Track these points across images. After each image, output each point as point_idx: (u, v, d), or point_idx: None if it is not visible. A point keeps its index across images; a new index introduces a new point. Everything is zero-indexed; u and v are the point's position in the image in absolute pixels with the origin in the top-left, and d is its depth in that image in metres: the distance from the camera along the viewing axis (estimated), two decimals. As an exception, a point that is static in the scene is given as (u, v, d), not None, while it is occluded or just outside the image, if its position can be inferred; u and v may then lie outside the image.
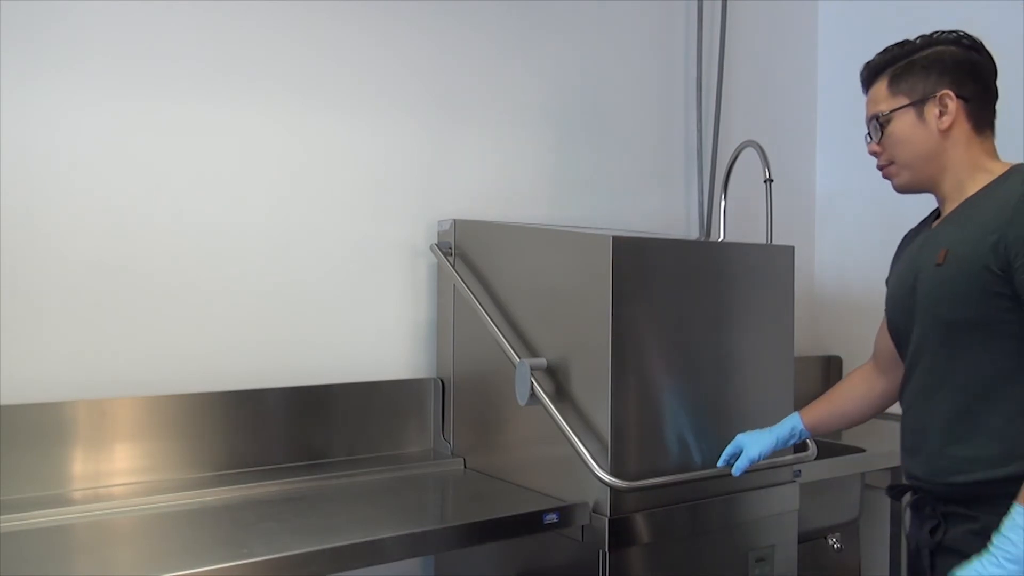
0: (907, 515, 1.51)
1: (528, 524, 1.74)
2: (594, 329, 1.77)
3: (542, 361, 1.87)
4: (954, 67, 1.49)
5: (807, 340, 3.13)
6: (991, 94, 1.51)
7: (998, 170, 1.46)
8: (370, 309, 2.26)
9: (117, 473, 1.88)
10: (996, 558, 1.25)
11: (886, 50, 1.56)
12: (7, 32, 1.79)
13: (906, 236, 1.67)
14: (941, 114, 1.47)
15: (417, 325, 2.33)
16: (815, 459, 1.98)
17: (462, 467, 2.18)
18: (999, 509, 1.29)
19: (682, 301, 1.85)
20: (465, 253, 2.16)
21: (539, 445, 1.94)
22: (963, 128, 1.48)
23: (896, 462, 2.43)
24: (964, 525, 1.39)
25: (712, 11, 2.88)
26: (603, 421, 1.77)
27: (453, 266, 2.18)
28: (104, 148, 1.91)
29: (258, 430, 2.04)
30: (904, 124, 1.51)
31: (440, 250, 2.22)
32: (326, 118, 2.20)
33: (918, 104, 1.49)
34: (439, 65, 2.34)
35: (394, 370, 2.28)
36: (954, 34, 1.53)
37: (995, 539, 1.27)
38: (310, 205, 2.18)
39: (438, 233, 2.29)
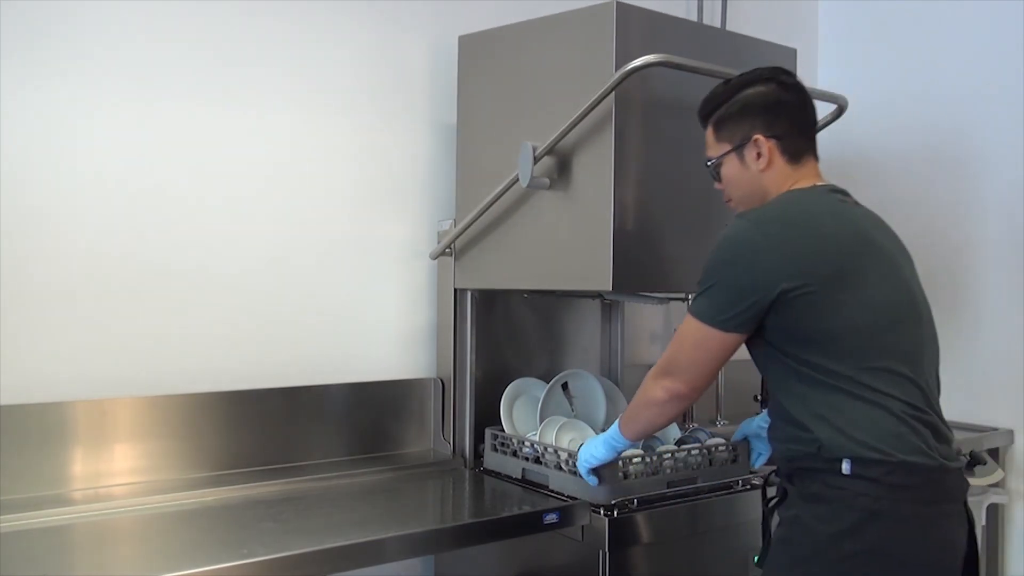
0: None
1: (528, 524, 1.74)
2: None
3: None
4: (764, 109, 1.61)
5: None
6: (803, 125, 1.63)
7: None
8: (370, 309, 2.27)
9: (117, 473, 1.88)
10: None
11: (709, 96, 1.68)
12: (11, 33, 1.79)
13: None
14: (759, 155, 1.60)
15: (417, 325, 2.33)
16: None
17: (462, 467, 2.18)
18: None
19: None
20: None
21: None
22: (779, 163, 1.60)
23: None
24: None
25: (712, 11, 2.89)
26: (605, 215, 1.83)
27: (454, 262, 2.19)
28: (105, 150, 1.91)
29: (258, 430, 2.04)
30: (730, 168, 1.65)
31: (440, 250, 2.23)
32: (326, 119, 2.20)
33: (738, 149, 1.62)
34: (440, 66, 2.34)
35: (394, 370, 2.28)
36: (764, 72, 1.63)
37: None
38: (310, 206, 2.18)
39: (438, 233, 2.29)
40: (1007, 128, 2.68)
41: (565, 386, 2.24)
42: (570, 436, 2.06)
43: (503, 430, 2.13)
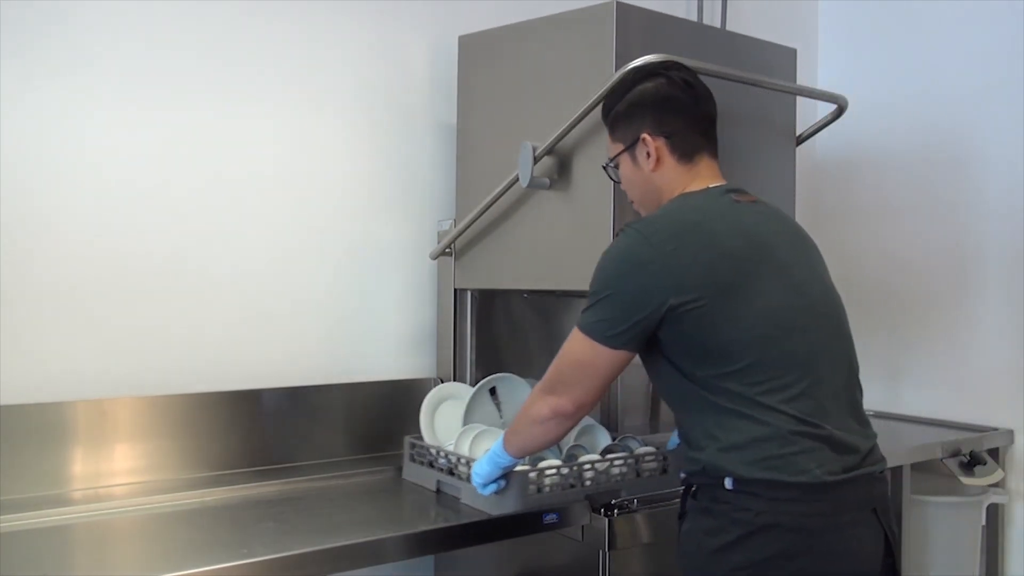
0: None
1: (528, 524, 1.74)
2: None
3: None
4: (652, 107, 1.56)
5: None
6: (695, 121, 1.56)
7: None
8: (370, 309, 2.27)
9: (117, 473, 1.88)
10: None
11: (606, 94, 1.65)
12: (11, 33, 1.79)
13: None
14: (648, 155, 1.56)
15: (417, 325, 2.33)
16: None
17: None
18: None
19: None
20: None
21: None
22: (670, 163, 1.56)
23: (896, 462, 2.45)
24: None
25: (712, 11, 2.89)
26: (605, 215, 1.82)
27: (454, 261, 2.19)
28: (106, 150, 1.91)
29: (258, 430, 2.04)
30: (625, 169, 1.61)
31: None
32: (326, 119, 2.20)
33: (630, 149, 1.58)
34: (440, 66, 2.34)
35: (394, 370, 2.28)
36: (653, 66, 1.60)
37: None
38: (310, 206, 2.18)
39: (438, 233, 2.29)
40: (1007, 128, 2.68)
41: (493, 391, 2.07)
42: (487, 445, 1.85)
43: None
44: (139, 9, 1.94)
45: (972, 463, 2.53)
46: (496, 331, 2.34)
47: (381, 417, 2.21)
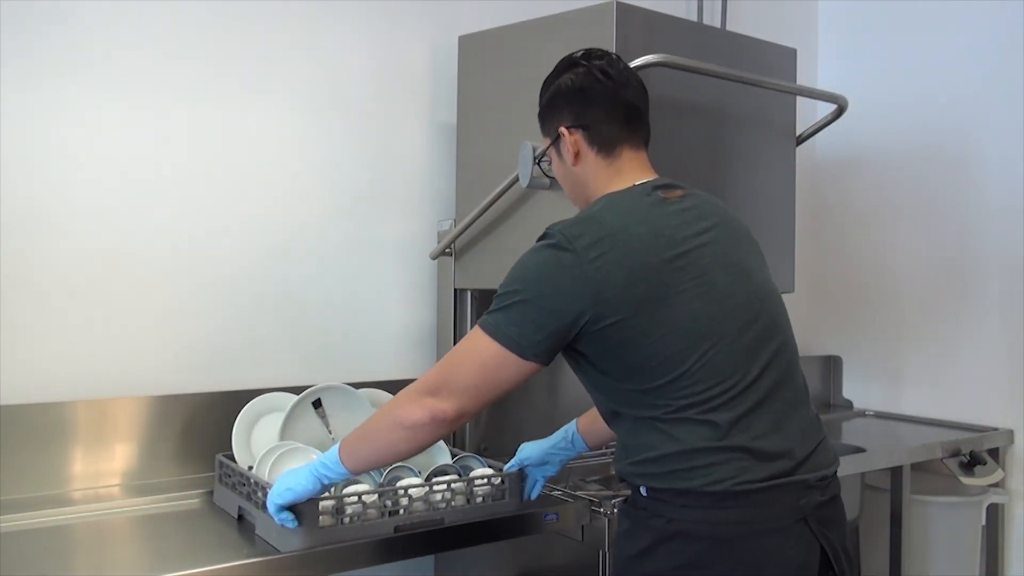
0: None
1: (528, 524, 1.74)
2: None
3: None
4: (569, 99, 1.49)
5: (807, 340, 3.13)
6: (615, 111, 1.48)
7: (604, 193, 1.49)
8: (370, 309, 2.27)
9: (117, 473, 1.88)
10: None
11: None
12: (13, 34, 1.79)
13: None
14: (567, 149, 1.50)
15: (417, 325, 2.33)
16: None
17: (462, 467, 2.17)
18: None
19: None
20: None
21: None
22: (589, 156, 1.49)
23: (896, 462, 2.45)
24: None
25: (712, 11, 2.89)
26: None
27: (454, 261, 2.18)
28: (104, 149, 1.91)
29: (258, 430, 2.03)
30: (555, 166, 1.57)
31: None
32: (326, 119, 2.20)
33: (555, 144, 1.53)
34: (440, 66, 2.34)
35: (394, 370, 2.28)
36: (575, 57, 1.52)
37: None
38: (310, 206, 2.18)
39: (438, 233, 2.29)
40: (1007, 128, 2.68)
41: (318, 403, 1.89)
42: (293, 467, 1.63)
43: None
44: (139, 10, 1.94)
45: (972, 463, 2.53)
46: (496, 331, 2.34)
47: (381, 417, 2.21)
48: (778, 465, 1.35)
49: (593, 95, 1.48)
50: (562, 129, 1.49)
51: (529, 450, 1.75)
